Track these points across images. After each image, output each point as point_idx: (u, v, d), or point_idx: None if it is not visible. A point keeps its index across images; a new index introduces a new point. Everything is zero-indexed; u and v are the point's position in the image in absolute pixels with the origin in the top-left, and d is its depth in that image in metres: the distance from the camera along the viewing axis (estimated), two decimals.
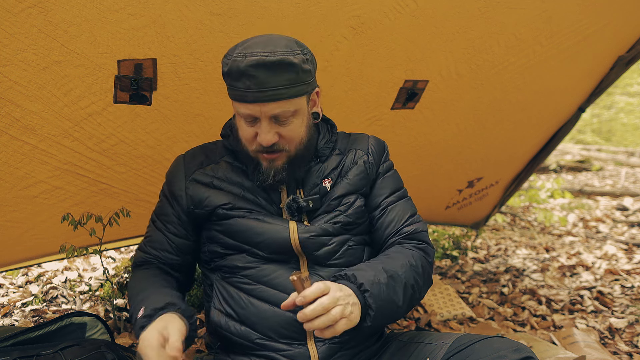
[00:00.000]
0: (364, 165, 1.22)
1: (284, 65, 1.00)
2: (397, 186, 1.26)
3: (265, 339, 1.12)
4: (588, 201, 5.24)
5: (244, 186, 1.18)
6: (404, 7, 1.51)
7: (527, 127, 2.38)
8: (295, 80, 1.03)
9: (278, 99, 1.02)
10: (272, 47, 1.01)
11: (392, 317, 1.07)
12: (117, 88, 1.39)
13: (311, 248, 1.13)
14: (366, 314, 1.00)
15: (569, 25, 1.80)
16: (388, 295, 1.03)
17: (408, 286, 1.08)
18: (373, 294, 1.00)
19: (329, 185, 1.19)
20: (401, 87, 1.84)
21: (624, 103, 9.32)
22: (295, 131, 1.09)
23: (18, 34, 1.16)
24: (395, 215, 1.20)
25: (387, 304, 1.03)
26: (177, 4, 1.26)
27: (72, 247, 1.66)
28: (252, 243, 1.14)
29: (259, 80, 1.00)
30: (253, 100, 1.02)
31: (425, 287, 1.15)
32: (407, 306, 1.08)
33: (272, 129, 1.06)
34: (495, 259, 3.28)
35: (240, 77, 1.01)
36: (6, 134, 1.35)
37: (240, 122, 1.11)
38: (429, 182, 2.54)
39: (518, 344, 0.99)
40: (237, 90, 1.04)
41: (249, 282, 1.15)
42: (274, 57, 0.99)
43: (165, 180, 1.27)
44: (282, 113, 1.05)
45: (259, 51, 1.00)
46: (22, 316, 2.04)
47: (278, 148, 1.09)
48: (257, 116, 1.05)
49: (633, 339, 2.09)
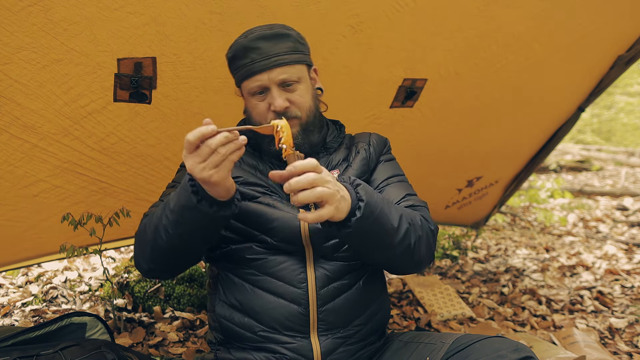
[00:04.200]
0: (365, 153, 1.27)
1: (282, 35, 1.14)
2: (396, 172, 1.28)
3: (268, 331, 1.12)
4: (588, 201, 5.24)
5: (258, 168, 1.23)
6: (403, 6, 1.51)
7: (526, 126, 2.39)
8: (294, 48, 1.15)
9: (282, 64, 1.12)
10: (270, 26, 1.16)
11: (384, 235, 1.01)
12: (116, 86, 1.39)
13: (319, 239, 1.14)
14: (356, 207, 0.95)
15: (568, 24, 1.80)
16: (382, 205, 1.00)
17: (405, 217, 1.04)
18: (366, 191, 0.98)
19: (337, 175, 1.22)
20: (400, 86, 1.84)
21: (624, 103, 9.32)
22: (303, 96, 1.17)
23: (18, 32, 1.16)
24: (392, 194, 1.21)
25: (379, 213, 0.98)
26: (176, 3, 1.27)
27: (72, 247, 1.66)
28: (263, 229, 1.14)
29: (263, 50, 1.11)
30: (260, 70, 1.12)
31: (424, 243, 1.08)
32: (404, 238, 1.02)
33: (282, 94, 1.14)
34: (495, 259, 3.28)
35: (245, 53, 1.12)
36: (6, 133, 1.35)
37: (252, 101, 1.17)
38: (429, 181, 2.54)
39: (518, 344, 0.99)
40: (244, 67, 1.13)
41: (254, 272, 1.15)
42: (272, 30, 1.13)
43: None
44: (288, 78, 1.13)
45: (258, 28, 1.14)
46: (22, 316, 2.03)
47: (291, 114, 1.15)
48: (266, 85, 1.13)
49: (633, 339, 2.09)
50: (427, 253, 1.12)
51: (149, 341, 1.89)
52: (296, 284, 1.11)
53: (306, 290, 1.11)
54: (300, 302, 1.11)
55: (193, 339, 1.95)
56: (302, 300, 1.11)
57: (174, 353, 1.83)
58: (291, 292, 1.11)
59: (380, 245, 1.03)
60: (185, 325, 2.03)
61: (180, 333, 1.97)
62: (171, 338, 1.92)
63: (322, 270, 1.14)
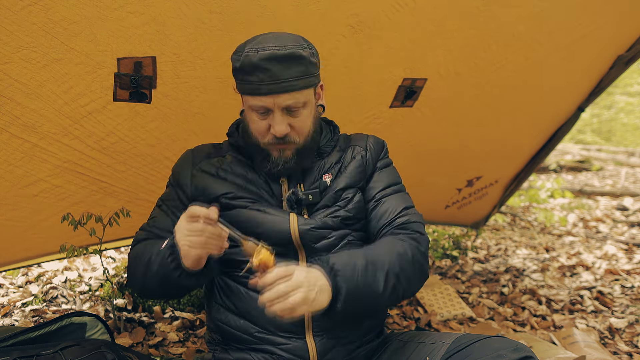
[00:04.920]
0: (362, 159, 1.24)
1: (295, 57, 1.05)
2: (393, 181, 1.26)
3: (264, 332, 1.13)
4: (588, 201, 5.24)
5: (247, 178, 1.20)
6: (403, 6, 1.51)
7: (526, 125, 2.39)
8: (305, 72, 1.08)
9: (291, 90, 1.07)
10: (282, 42, 1.06)
11: (371, 303, 1.04)
12: (116, 86, 1.39)
13: (310, 240, 1.14)
14: (337, 296, 0.98)
15: (567, 24, 1.80)
16: (364, 279, 1.00)
17: (391, 273, 1.04)
18: (345, 276, 0.98)
19: (329, 180, 1.20)
20: (400, 86, 1.84)
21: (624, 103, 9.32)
22: (305, 122, 1.13)
23: (18, 32, 1.16)
24: (389, 207, 1.20)
25: (362, 289, 1.00)
26: (176, 2, 1.27)
27: (72, 247, 1.66)
28: (253, 234, 1.14)
29: (272, 72, 1.04)
30: (267, 93, 1.06)
31: (416, 277, 1.12)
32: (391, 294, 1.05)
33: (285, 119, 1.10)
34: (495, 259, 3.28)
35: (253, 71, 1.05)
36: (6, 132, 1.35)
37: (252, 115, 1.13)
38: (428, 180, 2.54)
39: (518, 344, 0.98)
40: (250, 84, 1.07)
41: (248, 275, 1.15)
42: (285, 51, 1.04)
43: (172, 171, 1.28)
44: (294, 104, 1.09)
45: (271, 45, 1.05)
46: (22, 316, 2.03)
47: (289, 140, 1.13)
48: (269, 107, 1.09)
49: (633, 339, 2.09)
50: (418, 274, 1.13)
51: (149, 341, 1.89)
52: None
53: None
54: None
55: (193, 339, 1.95)
56: None
57: (174, 353, 1.83)
58: None
59: (368, 309, 1.09)
60: (185, 325, 2.03)
61: (180, 333, 1.97)
62: (171, 338, 1.92)
63: None
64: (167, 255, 1.04)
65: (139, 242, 1.24)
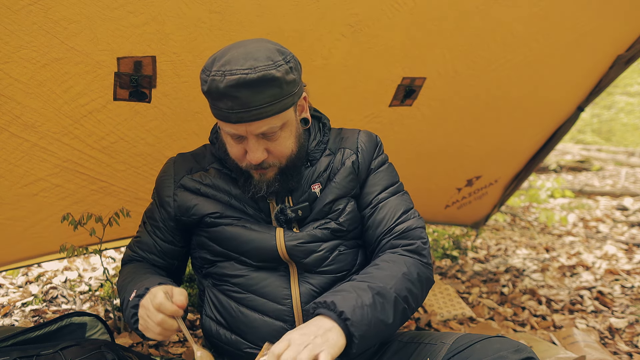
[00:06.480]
0: (352, 166, 1.16)
1: (266, 81, 0.93)
2: (390, 181, 1.19)
3: (255, 348, 1.11)
4: (588, 201, 5.24)
5: (232, 194, 1.15)
6: (402, 5, 1.51)
7: (525, 125, 2.39)
8: (280, 94, 0.96)
9: (264, 117, 0.96)
10: (252, 62, 0.93)
11: (383, 335, 0.99)
12: (116, 85, 1.39)
13: (299, 255, 1.10)
14: (351, 341, 0.91)
15: (566, 23, 1.80)
16: (375, 317, 0.94)
17: (399, 300, 1.00)
18: (355, 322, 0.91)
19: (318, 190, 1.14)
20: (399, 85, 1.84)
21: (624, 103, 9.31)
22: (284, 145, 1.05)
23: (18, 31, 1.16)
24: (387, 213, 1.14)
25: (374, 327, 0.94)
26: (176, 2, 1.27)
27: (72, 246, 1.66)
28: (239, 251, 1.13)
29: (241, 100, 0.93)
30: (237, 121, 0.96)
31: (423, 292, 1.08)
32: (401, 320, 1.01)
33: (261, 145, 1.02)
34: (495, 259, 3.28)
35: (221, 98, 0.95)
36: (6, 131, 1.35)
37: (227, 139, 1.06)
38: (428, 180, 2.54)
39: (519, 344, 0.98)
40: (219, 110, 0.98)
41: (238, 290, 1.14)
42: (254, 74, 0.92)
43: (155, 185, 1.25)
44: (269, 130, 0.99)
45: (238, 69, 0.92)
46: (22, 316, 2.03)
47: (267, 165, 1.06)
48: (243, 135, 1.01)
49: (633, 339, 2.09)
50: (424, 289, 1.09)
51: (149, 341, 1.89)
52: (280, 301, 1.10)
53: (291, 307, 1.10)
54: (285, 318, 1.09)
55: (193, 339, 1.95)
56: (287, 317, 1.09)
57: (174, 353, 1.83)
58: (275, 310, 1.10)
59: (381, 338, 1.01)
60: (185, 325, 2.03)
61: (180, 333, 1.97)
62: (171, 338, 1.92)
63: (307, 285, 1.12)
64: (130, 315, 1.02)
65: (125, 263, 1.26)
